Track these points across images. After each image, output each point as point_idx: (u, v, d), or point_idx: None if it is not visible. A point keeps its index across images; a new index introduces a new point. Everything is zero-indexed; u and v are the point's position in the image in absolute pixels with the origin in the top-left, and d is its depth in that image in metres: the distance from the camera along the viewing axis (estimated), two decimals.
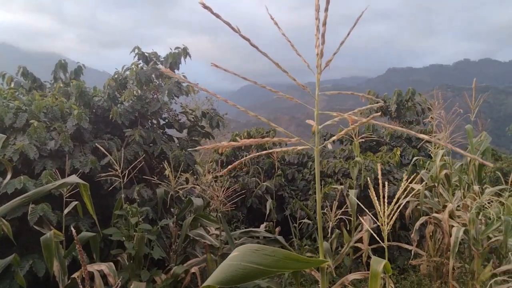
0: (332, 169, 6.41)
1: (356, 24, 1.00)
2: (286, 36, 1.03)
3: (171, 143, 4.72)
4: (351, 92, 1.19)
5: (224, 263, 0.89)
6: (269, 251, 0.90)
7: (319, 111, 1.06)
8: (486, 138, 4.24)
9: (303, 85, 1.09)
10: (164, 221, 3.87)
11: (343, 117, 1.06)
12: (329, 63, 1.04)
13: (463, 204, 4.22)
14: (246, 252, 0.90)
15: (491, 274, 3.81)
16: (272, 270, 0.88)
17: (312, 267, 3.16)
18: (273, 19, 1.00)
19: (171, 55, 4.53)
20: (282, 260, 0.89)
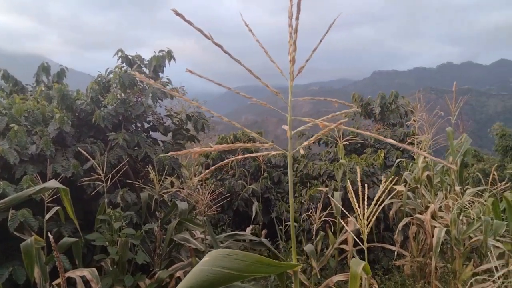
0: (317, 171, 6.46)
1: (328, 31, 1.01)
2: (260, 42, 1.04)
3: (156, 147, 4.69)
4: (323, 98, 1.21)
5: (196, 268, 0.89)
6: (241, 255, 0.90)
7: (292, 117, 1.07)
8: (466, 140, 4.33)
9: (275, 91, 1.10)
10: (148, 226, 3.84)
11: (315, 123, 1.08)
12: (302, 70, 1.05)
13: (445, 205, 4.30)
14: (217, 257, 0.91)
15: (472, 273, 3.89)
16: (243, 274, 0.88)
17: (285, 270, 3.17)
18: (247, 26, 1.01)
19: (155, 58, 4.50)
20: (254, 264, 0.90)
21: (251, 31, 1.03)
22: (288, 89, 1.14)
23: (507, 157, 22.32)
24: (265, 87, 1.15)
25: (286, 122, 1.17)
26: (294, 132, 1.13)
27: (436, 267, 4.49)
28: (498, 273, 2.70)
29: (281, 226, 5.79)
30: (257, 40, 1.05)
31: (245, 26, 1.02)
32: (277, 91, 1.17)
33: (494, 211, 4.46)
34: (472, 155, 24.59)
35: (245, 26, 1.02)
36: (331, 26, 1.01)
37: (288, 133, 1.11)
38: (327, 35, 1.01)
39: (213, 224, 7.23)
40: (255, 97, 1.28)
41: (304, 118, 1.10)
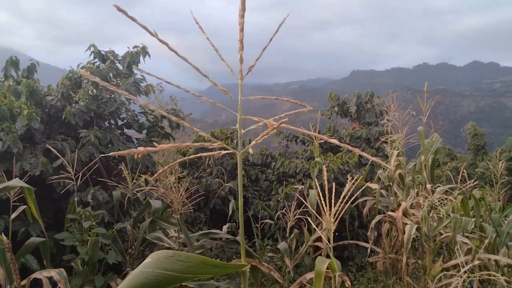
0: (294, 170, 6.49)
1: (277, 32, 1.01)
2: (211, 41, 1.03)
3: (130, 144, 4.61)
4: (275, 97, 1.21)
5: (136, 270, 0.87)
6: (184, 257, 0.89)
7: (242, 116, 1.07)
8: (437, 139, 4.44)
9: (224, 89, 1.09)
10: (120, 225, 3.76)
11: (264, 122, 1.08)
12: (252, 69, 1.04)
13: (416, 202, 4.40)
14: (159, 259, 0.89)
15: (441, 269, 3.99)
16: (186, 276, 0.87)
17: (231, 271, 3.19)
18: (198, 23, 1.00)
19: (129, 54, 4.42)
20: (198, 265, 0.89)
21: (201, 29, 1.02)
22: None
23: (479, 155, 23.08)
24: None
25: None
26: (245, 132, 1.12)
27: (408, 263, 4.60)
28: (463, 269, 2.77)
29: (257, 224, 5.80)
30: (207, 38, 1.04)
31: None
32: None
33: (463, 209, 4.59)
34: (446, 153, 25.30)
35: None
36: (280, 25, 1.01)
37: (238, 133, 1.10)
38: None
39: (190, 222, 7.17)
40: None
41: (253, 117, 1.09)
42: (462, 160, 23.45)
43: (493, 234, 4.56)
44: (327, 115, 8.40)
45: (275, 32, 1.02)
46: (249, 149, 1.19)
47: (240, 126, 1.11)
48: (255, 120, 1.10)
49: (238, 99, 1.06)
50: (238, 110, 1.07)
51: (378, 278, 4.60)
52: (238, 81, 1.10)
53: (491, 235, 4.57)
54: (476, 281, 3.79)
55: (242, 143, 1.16)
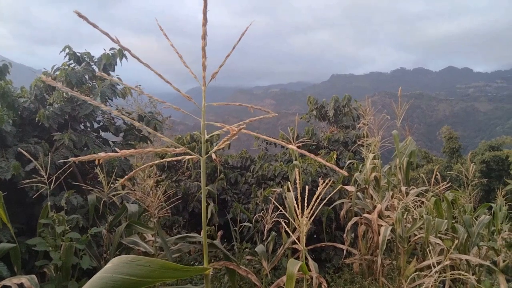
0: (273, 172, 6.53)
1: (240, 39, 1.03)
2: (175, 47, 1.04)
3: (106, 147, 4.54)
4: (238, 103, 1.22)
5: (96, 276, 0.87)
6: (144, 261, 0.89)
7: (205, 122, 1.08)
8: (411, 143, 4.55)
9: (187, 96, 1.10)
10: (95, 229, 3.70)
11: (227, 128, 1.09)
12: (215, 75, 1.06)
13: (391, 204, 4.49)
14: (119, 264, 0.89)
15: (414, 269, 4.09)
16: (147, 280, 0.87)
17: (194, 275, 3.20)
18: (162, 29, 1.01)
19: (105, 56, 4.36)
20: (158, 270, 0.89)
21: (165, 36, 1.03)
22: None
23: (454, 158, 23.72)
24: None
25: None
26: (209, 137, 1.13)
27: (383, 264, 4.69)
28: (434, 269, 2.85)
29: (235, 227, 5.80)
30: (172, 44, 1.05)
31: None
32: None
33: (436, 210, 4.72)
34: (422, 156, 25.90)
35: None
36: (243, 34, 1.03)
37: (202, 138, 1.12)
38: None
39: (168, 226, 7.10)
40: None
41: (215, 123, 1.11)
42: (437, 163, 24.04)
43: (465, 234, 4.70)
44: (305, 118, 8.48)
45: (238, 40, 1.04)
46: (212, 154, 1.20)
47: (204, 131, 1.12)
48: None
49: (202, 105, 1.07)
50: (201, 116, 1.08)
51: (355, 279, 4.67)
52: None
53: (462, 235, 4.71)
54: (448, 280, 3.90)
55: (205, 148, 1.17)
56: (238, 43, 1.05)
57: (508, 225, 7.35)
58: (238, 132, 1.04)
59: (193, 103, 1.08)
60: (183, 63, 1.04)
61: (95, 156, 0.98)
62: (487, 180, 19.19)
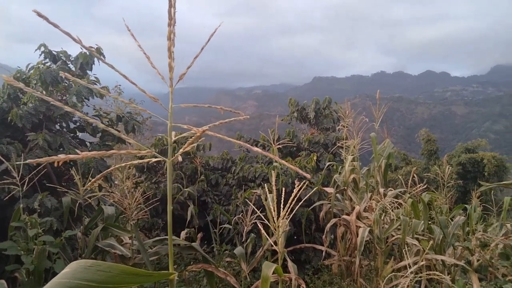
0: (253, 174, 6.52)
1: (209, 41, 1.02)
2: (143, 49, 1.02)
3: (82, 148, 4.44)
4: (208, 105, 1.21)
5: (53, 281, 0.84)
6: (104, 266, 0.87)
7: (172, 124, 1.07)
8: (389, 145, 4.62)
9: (153, 97, 1.09)
10: (69, 232, 3.61)
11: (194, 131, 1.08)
12: (183, 77, 1.05)
13: (369, 206, 4.55)
14: (77, 269, 0.86)
15: (392, 270, 4.15)
16: (106, 286, 0.85)
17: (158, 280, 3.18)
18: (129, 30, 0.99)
19: (81, 55, 4.27)
20: (119, 275, 0.87)
21: (133, 36, 1.01)
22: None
23: (432, 160, 24.24)
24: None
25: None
26: (175, 139, 1.12)
27: (362, 265, 4.74)
28: (410, 269, 2.90)
29: (215, 229, 5.76)
30: (139, 45, 1.03)
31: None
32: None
33: (413, 211, 4.81)
34: (401, 158, 26.38)
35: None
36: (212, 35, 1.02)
37: (168, 140, 1.10)
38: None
39: (147, 228, 7.00)
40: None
41: (182, 125, 1.10)
42: (416, 165, 24.50)
43: (440, 235, 4.80)
44: (287, 120, 8.52)
45: (207, 41, 1.03)
46: (178, 157, 1.19)
47: (170, 134, 1.10)
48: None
49: (169, 106, 1.06)
50: (168, 118, 1.07)
51: (333, 280, 4.70)
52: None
53: (438, 236, 4.81)
54: (424, 280, 3.97)
55: (172, 150, 1.15)
56: (206, 44, 1.04)
57: (482, 225, 7.56)
58: (201, 134, 1.03)
59: (160, 104, 1.06)
60: (150, 64, 1.02)
61: (54, 158, 0.95)
62: (463, 182, 19.70)
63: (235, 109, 1.23)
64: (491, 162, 20.21)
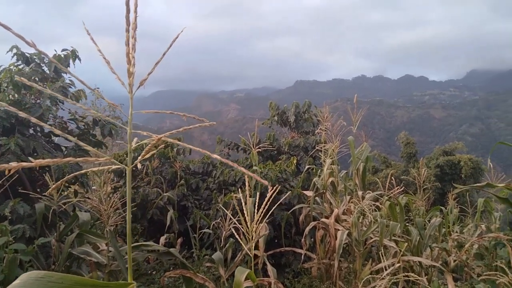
0: (233, 178, 6.50)
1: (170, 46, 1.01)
2: (103, 54, 1.01)
3: (57, 153, 4.34)
4: (170, 111, 1.20)
5: None
6: (56, 277, 0.84)
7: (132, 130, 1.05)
8: (366, 148, 4.68)
9: (112, 103, 1.07)
10: (42, 239, 3.51)
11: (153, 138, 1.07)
12: (144, 82, 1.04)
13: (347, 209, 4.59)
14: (28, 281, 0.84)
15: (369, 272, 4.19)
16: None
17: None
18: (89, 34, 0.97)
19: (56, 57, 4.17)
20: (72, 286, 0.84)
21: (92, 40, 0.99)
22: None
23: (411, 163, 24.69)
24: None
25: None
26: (135, 146, 1.10)
27: (341, 267, 4.77)
28: (386, 271, 2.93)
29: (195, 234, 5.71)
30: (99, 49, 1.01)
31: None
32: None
33: (391, 214, 4.87)
34: (381, 161, 26.78)
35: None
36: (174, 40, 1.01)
37: (128, 147, 1.08)
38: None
39: (125, 234, 6.88)
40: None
41: (142, 131, 1.08)
42: (396, 167, 24.90)
43: (417, 237, 4.89)
44: (267, 124, 8.54)
45: (169, 47, 1.02)
46: (138, 164, 1.17)
47: (130, 140, 1.08)
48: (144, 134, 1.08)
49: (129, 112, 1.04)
50: (128, 124, 1.05)
51: (313, 283, 4.72)
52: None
53: (415, 237, 4.89)
54: (401, 282, 4.02)
55: (132, 157, 1.13)
56: (168, 49, 1.03)
57: (459, 226, 7.74)
58: (157, 142, 1.02)
59: (120, 110, 1.05)
60: (111, 70, 1.00)
61: (5, 166, 0.92)
62: (441, 184, 20.14)
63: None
64: (467, 164, 20.73)
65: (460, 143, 25.41)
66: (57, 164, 1.00)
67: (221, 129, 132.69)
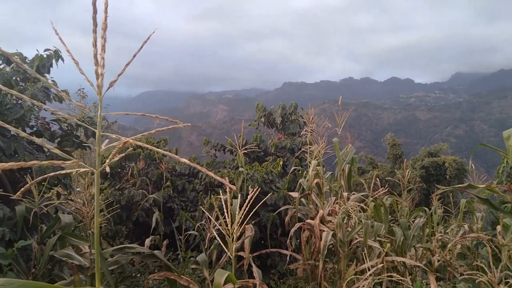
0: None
1: (141, 48, 1.01)
2: (71, 54, 1.00)
3: (39, 154, 4.27)
4: (141, 113, 1.20)
5: None
6: (17, 285, 0.83)
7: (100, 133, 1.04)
8: (351, 150, 4.71)
9: (80, 105, 1.06)
10: (23, 242, 3.44)
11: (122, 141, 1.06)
12: (114, 84, 1.03)
13: (332, 210, 4.62)
14: None
15: (354, 272, 4.22)
16: None
17: None
18: (59, 36, 0.96)
19: (38, 57, 4.10)
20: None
21: (61, 40, 0.98)
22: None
23: (397, 164, 24.98)
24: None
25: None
26: (104, 149, 1.09)
27: (326, 268, 4.80)
28: (369, 272, 2.96)
29: (181, 236, 5.67)
30: (68, 50, 1.00)
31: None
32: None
33: (376, 214, 4.92)
34: (368, 162, 27.03)
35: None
36: (145, 42, 1.00)
37: (97, 150, 1.08)
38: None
39: (110, 236, 6.80)
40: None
41: (111, 134, 1.07)
42: (382, 169, 25.15)
43: (401, 237, 4.94)
44: (254, 125, 8.54)
45: (140, 48, 1.01)
46: (106, 167, 1.16)
47: (99, 143, 1.07)
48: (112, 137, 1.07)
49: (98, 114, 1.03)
50: (97, 127, 1.04)
51: (298, 284, 4.73)
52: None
53: (399, 238, 4.95)
54: (385, 282, 4.06)
55: (101, 160, 1.12)
56: (139, 51, 1.02)
57: (443, 227, 7.85)
58: (123, 146, 1.01)
59: (88, 112, 1.04)
60: (79, 70, 0.99)
61: None
62: (426, 185, 20.41)
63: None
64: (452, 165, 21.05)
65: (445, 144, 25.80)
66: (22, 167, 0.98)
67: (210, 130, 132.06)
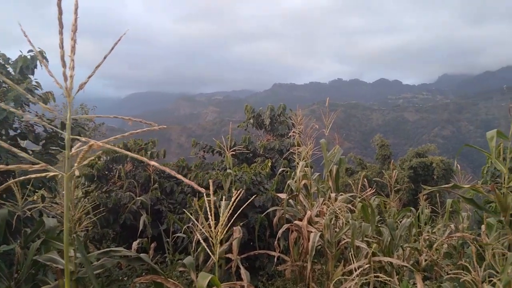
0: (207, 181, 6.45)
1: (112, 49, 1.00)
2: (41, 58, 0.98)
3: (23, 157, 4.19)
4: (113, 115, 1.19)
5: None
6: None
7: (70, 136, 1.03)
8: (338, 151, 4.74)
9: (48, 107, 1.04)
10: (5, 247, 3.38)
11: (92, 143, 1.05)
12: (84, 86, 1.02)
13: (320, 211, 4.63)
14: None
15: (341, 273, 4.23)
16: None
17: None
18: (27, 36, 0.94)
19: (21, 58, 4.04)
20: None
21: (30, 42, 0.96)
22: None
23: (385, 164, 25.21)
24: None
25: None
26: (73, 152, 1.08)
27: (314, 269, 4.80)
28: (356, 272, 2.97)
29: (168, 238, 5.62)
30: (37, 52, 0.99)
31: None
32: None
33: (364, 215, 4.95)
34: (357, 163, 27.21)
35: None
36: (116, 44, 0.99)
37: (66, 153, 1.06)
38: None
39: (97, 240, 6.71)
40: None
41: (81, 137, 1.06)
42: (371, 169, 25.34)
43: (388, 237, 4.98)
44: (243, 126, 8.53)
45: (110, 50, 1.00)
46: (76, 171, 1.14)
47: (69, 146, 1.06)
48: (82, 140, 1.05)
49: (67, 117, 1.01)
50: (66, 129, 1.02)
51: (286, 285, 4.73)
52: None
53: (386, 238, 4.98)
54: (372, 282, 4.08)
55: (70, 164, 1.10)
56: (110, 53, 1.01)
57: (430, 227, 7.94)
58: (89, 149, 1.00)
59: (55, 114, 1.02)
60: (48, 73, 0.98)
61: None
62: (414, 185, 20.63)
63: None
64: (439, 165, 21.33)
65: (432, 145, 26.13)
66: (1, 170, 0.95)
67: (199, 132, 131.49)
